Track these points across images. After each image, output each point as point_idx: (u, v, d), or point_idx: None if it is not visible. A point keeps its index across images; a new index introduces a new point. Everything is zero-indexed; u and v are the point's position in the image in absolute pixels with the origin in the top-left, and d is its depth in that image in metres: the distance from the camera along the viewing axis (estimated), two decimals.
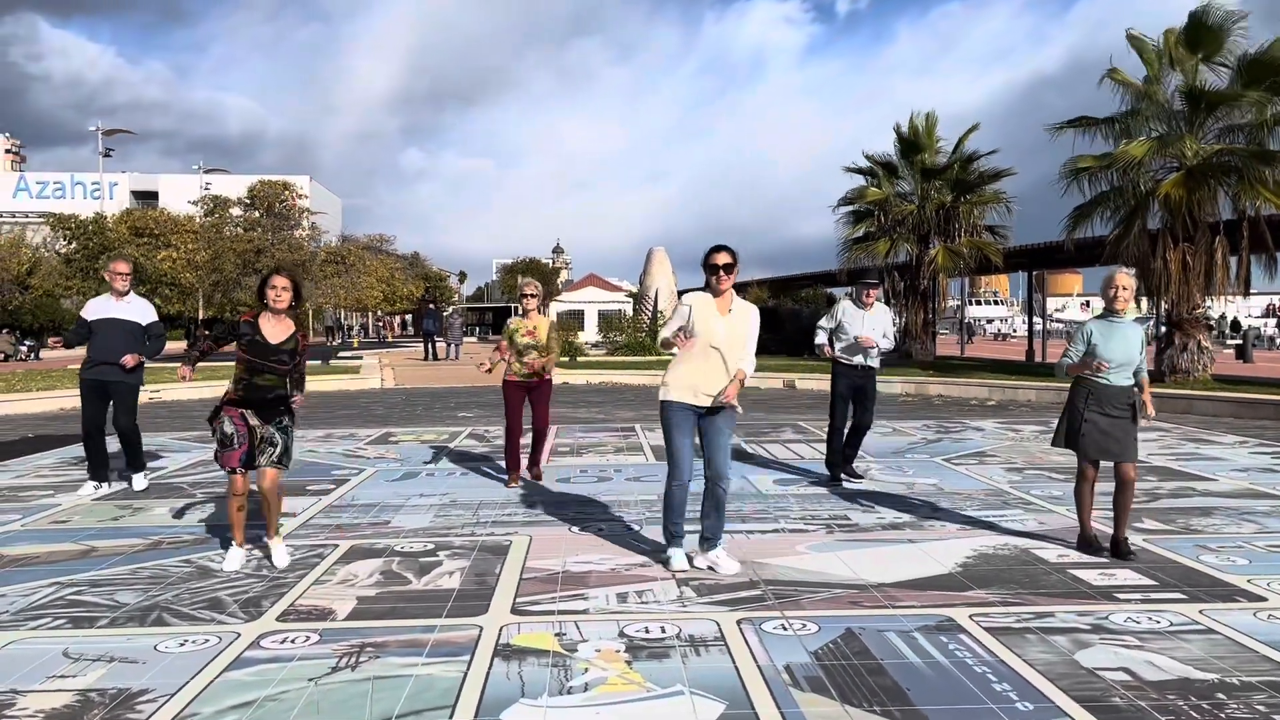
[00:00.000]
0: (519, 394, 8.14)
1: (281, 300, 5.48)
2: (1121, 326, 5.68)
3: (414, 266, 67.38)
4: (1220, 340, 42.07)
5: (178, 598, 4.97)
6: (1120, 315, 5.69)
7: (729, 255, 5.32)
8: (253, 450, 5.45)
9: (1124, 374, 5.62)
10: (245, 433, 5.43)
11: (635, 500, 7.51)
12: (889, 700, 3.59)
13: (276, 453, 5.50)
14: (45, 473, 9.11)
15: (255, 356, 5.39)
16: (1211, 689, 3.67)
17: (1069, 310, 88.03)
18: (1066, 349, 5.90)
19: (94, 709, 3.55)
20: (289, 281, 5.53)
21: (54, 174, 77.55)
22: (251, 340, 5.40)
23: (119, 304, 7.84)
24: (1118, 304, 5.66)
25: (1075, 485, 5.89)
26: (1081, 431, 5.69)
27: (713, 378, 5.25)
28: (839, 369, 8.27)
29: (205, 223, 37.49)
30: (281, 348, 5.45)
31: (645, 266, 35.99)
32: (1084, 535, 5.82)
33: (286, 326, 5.51)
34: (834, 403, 8.34)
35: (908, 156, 25.64)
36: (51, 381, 19.12)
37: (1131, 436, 5.67)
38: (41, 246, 43.42)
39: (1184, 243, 16.87)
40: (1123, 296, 5.65)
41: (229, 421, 5.43)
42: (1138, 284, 5.91)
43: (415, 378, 23.15)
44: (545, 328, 8.06)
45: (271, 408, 5.49)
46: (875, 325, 8.15)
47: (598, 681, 3.80)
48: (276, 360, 5.43)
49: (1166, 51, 17.38)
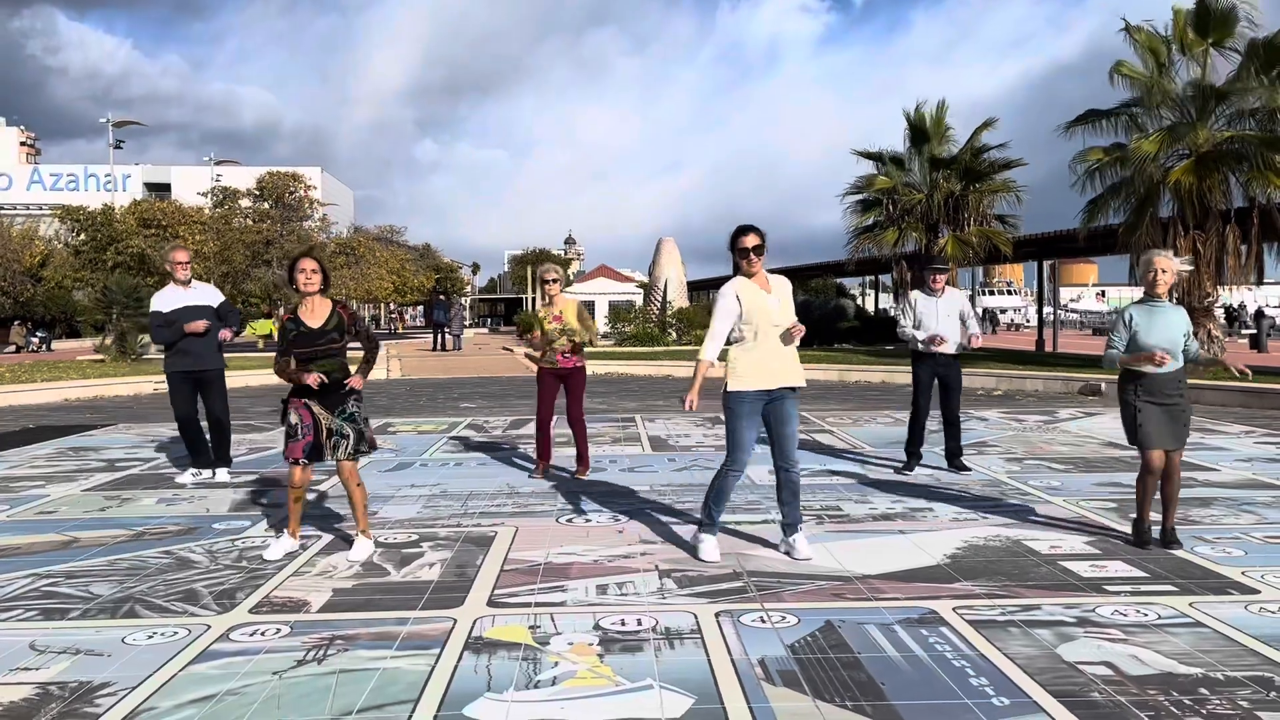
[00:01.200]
0: (553, 383, 7.95)
1: (312, 283, 5.42)
2: (1163, 310, 5.54)
3: (425, 258, 67.38)
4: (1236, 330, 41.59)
5: (152, 589, 4.92)
6: (1160, 299, 5.54)
7: (757, 236, 5.28)
8: (319, 442, 5.35)
9: (1176, 356, 5.49)
10: (310, 424, 5.33)
11: (627, 491, 7.43)
12: (862, 695, 3.51)
13: (350, 444, 5.38)
14: (40, 463, 9.09)
15: (304, 347, 5.33)
16: (1195, 684, 3.57)
17: (1084, 300, 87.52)
18: (1110, 339, 5.69)
19: (52, 703, 3.50)
20: (316, 264, 5.49)
21: (68, 166, 77.91)
22: (297, 334, 5.35)
23: (187, 292, 7.84)
24: (1158, 287, 5.49)
25: (1139, 476, 5.63)
26: (1139, 423, 5.52)
27: (779, 354, 5.27)
28: (919, 356, 8.18)
29: (214, 214, 37.53)
30: (326, 329, 5.38)
31: (654, 257, 35.87)
32: (1139, 527, 5.64)
33: (325, 308, 5.45)
34: (915, 390, 8.29)
35: (917, 145, 25.43)
36: (58, 373, 19.18)
37: (1182, 423, 5.53)
38: (54, 239, 43.61)
39: (1195, 230, 16.66)
40: (1162, 280, 5.48)
41: (293, 412, 5.35)
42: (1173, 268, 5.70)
43: (422, 368, 23.13)
44: (572, 310, 7.84)
45: (334, 394, 5.38)
46: (950, 310, 8.03)
47: (566, 675, 3.73)
48: (327, 343, 5.37)
49: (1177, 37, 17.15)
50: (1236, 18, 16.53)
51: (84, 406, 15.05)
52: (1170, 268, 5.49)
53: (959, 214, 24.68)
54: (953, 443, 8.26)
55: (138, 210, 36.27)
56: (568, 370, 7.88)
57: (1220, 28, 16.66)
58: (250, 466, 8.75)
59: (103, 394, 16.67)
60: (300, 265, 5.44)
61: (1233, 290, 18.71)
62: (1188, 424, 5.59)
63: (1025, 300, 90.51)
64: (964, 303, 8.14)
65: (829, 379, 18.85)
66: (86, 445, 10.32)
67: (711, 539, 5.43)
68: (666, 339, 30.34)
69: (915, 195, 25.18)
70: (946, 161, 24.80)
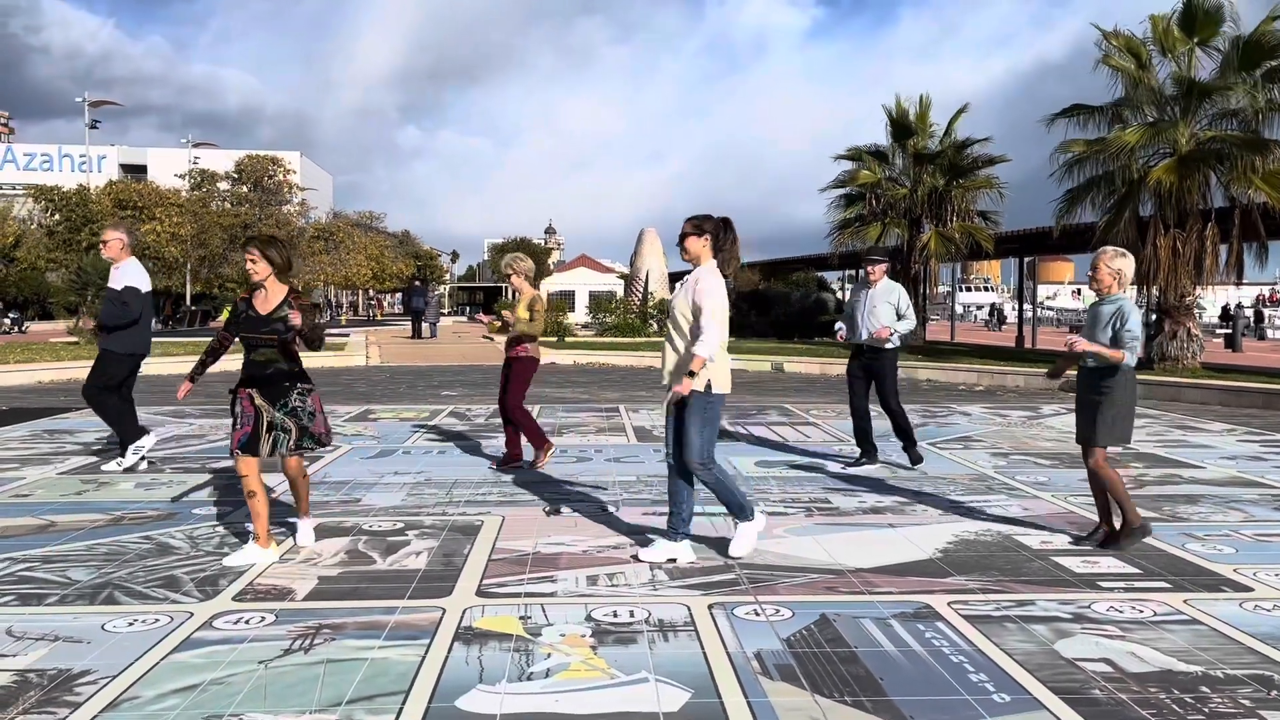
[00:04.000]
0: (504, 369, 7.90)
1: (257, 270, 5.22)
2: (1094, 308, 5.51)
3: (404, 245, 66.98)
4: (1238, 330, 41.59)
5: (132, 575, 4.81)
6: (1101, 296, 5.48)
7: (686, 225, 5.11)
8: (257, 433, 5.09)
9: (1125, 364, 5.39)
10: (251, 414, 5.11)
11: (613, 481, 7.36)
12: (861, 690, 3.46)
13: (292, 439, 5.14)
14: (14, 446, 8.92)
15: (248, 332, 5.17)
16: (1195, 681, 3.55)
17: (1060, 298, 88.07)
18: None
19: (31, 690, 3.39)
20: (257, 253, 5.26)
21: (42, 146, 76.73)
22: (245, 316, 5.19)
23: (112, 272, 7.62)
24: (1091, 285, 5.50)
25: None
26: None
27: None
28: (849, 348, 8.15)
29: (191, 197, 37.10)
30: (273, 318, 5.13)
31: (636, 247, 35.78)
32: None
33: (278, 297, 5.21)
34: (848, 383, 8.25)
35: (899, 140, 25.44)
36: (30, 354, 18.88)
37: (1087, 418, 5.41)
38: (27, 219, 42.98)
39: (1175, 229, 16.74)
40: (1094, 278, 5.46)
41: (237, 401, 5.19)
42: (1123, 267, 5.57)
43: (401, 355, 22.96)
44: (524, 301, 7.76)
45: (274, 386, 5.14)
46: (878, 301, 7.87)
47: (560, 667, 3.66)
48: (269, 332, 5.12)
49: (1156, 40, 17.22)
50: (1223, 17, 16.60)
51: (57, 389, 14.82)
52: (1107, 266, 5.39)
53: (942, 209, 24.74)
54: (898, 436, 8.10)
55: (114, 191, 35.80)
56: (511, 359, 7.79)
57: (1207, 26, 16.72)
58: (228, 454, 8.60)
59: (76, 376, 16.37)
60: (246, 252, 5.32)
61: (1214, 290, 18.85)
62: (1094, 421, 5.35)
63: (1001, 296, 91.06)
64: (897, 294, 7.91)
65: (810, 372, 18.84)
66: (61, 428, 10.14)
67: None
68: (648, 329, 30.28)
69: (898, 190, 25.21)
70: (930, 156, 24.84)
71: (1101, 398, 5.33)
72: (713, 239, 5.06)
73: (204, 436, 9.60)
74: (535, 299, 7.76)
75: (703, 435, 5.03)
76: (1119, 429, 5.38)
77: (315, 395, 5.28)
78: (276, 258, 5.21)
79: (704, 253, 5.06)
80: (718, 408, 5.09)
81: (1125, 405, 5.34)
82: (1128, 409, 5.37)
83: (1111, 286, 5.38)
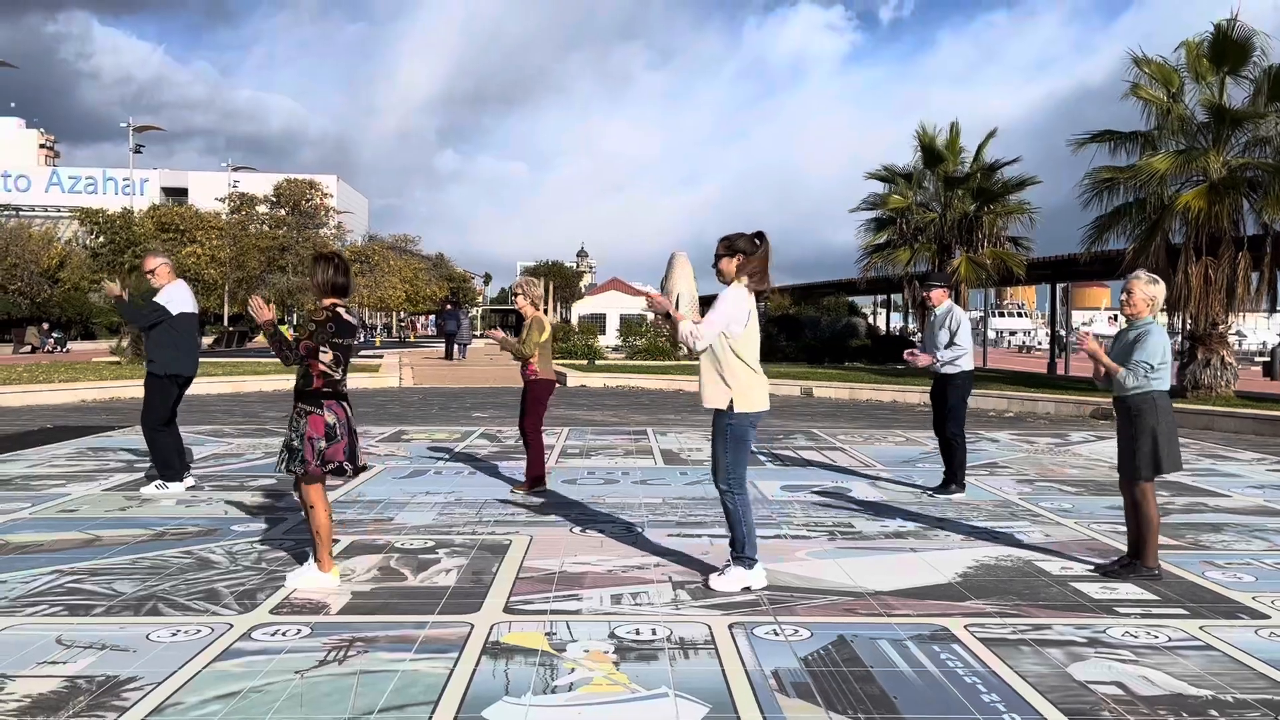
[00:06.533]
0: (522, 392, 7.96)
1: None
2: (1123, 333, 5.59)
3: (438, 267, 67.72)
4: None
5: (174, 588, 5.00)
6: (1131, 320, 5.57)
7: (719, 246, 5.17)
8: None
9: (1119, 381, 5.46)
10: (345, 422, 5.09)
11: (640, 503, 7.49)
12: (875, 709, 3.56)
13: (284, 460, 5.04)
14: (60, 463, 9.20)
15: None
16: (1204, 705, 3.61)
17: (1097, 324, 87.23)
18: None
19: (80, 695, 3.57)
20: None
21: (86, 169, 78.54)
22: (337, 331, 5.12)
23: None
24: (1125, 310, 5.59)
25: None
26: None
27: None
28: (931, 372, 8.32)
29: (231, 220, 37.83)
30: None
31: (667, 271, 35.94)
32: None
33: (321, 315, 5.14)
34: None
35: (930, 166, 25.51)
36: (74, 374, 19.33)
37: (1125, 451, 5.47)
38: (71, 240, 43.97)
39: (1207, 256, 16.67)
40: (1127, 302, 5.54)
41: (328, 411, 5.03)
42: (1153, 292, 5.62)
43: (434, 377, 23.24)
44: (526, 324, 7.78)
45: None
46: (935, 326, 8.11)
47: (583, 681, 3.79)
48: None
49: (1190, 67, 17.21)
50: (1253, 46, 16.58)
51: (100, 408, 15.18)
52: (1139, 292, 5.46)
53: (972, 235, 24.74)
54: (943, 458, 8.21)
55: (156, 215, 36.58)
56: (526, 381, 7.86)
57: (1236, 57, 16.70)
58: (266, 471, 8.83)
59: (118, 395, 16.80)
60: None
61: (1244, 318, 18.68)
62: (1129, 451, 5.41)
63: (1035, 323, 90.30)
64: (949, 319, 8.06)
65: (840, 397, 18.87)
66: (105, 446, 10.42)
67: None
68: (678, 353, 30.39)
69: (928, 215, 25.25)
70: (960, 180, 24.87)
71: (1133, 427, 5.39)
72: (743, 257, 5.07)
73: (242, 455, 9.84)
74: (535, 320, 7.80)
75: (728, 456, 5.07)
76: (1163, 457, 5.34)
77: (315, 418, 4.97)
78: (316, 276, 5.17)
79: (735, 272, 5.10)
80: (743, 429, 5.06)
81: (1163, 432, 5.34)
82: (1166, 436, 5.35)
83: (1144, 312, 5.46)
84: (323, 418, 4.98)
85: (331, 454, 4.99)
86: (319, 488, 5.06)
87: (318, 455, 4.95)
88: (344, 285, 5.16)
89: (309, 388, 5.03)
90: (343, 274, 5.15)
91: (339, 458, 5.02)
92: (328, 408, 5.01)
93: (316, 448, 4.95)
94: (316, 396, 5.01)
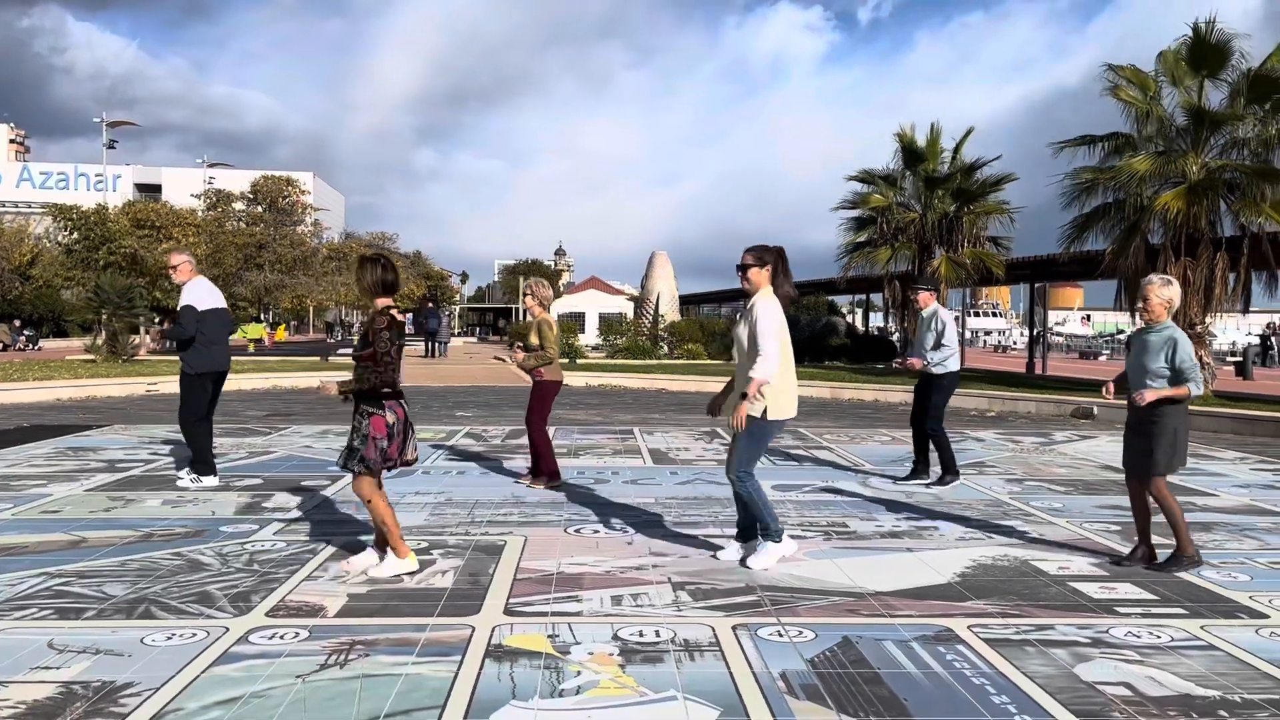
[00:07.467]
0: (530, 391, 8.20)
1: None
2: (1142, 336, 5.63)
3: (415, 265, 67.38)
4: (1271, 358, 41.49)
5: (166, 590, 4.91)
6: (1149, 325, 5.61)
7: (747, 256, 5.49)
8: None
9: (1139, 384, 5.54)
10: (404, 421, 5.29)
11: (632, 503, 7.44)
12: (886, 710, 3.53)
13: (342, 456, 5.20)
14: (39, 463, 9.04)
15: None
16: (1213, 705, 3.61)
17: (1069, 324, 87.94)
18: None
19: (77, 701, 3.49)
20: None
21: (57, 165, 77.56)
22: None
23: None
24: (1144, 316, 5.63)
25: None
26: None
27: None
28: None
29: (207, 217, 37.45)
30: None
31: (647, 270, 35.95)
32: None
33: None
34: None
35: (911, 166, 25.61)
36: (49, 372, 19.06)
37: (1135, 449, 5.59)
38: (44, 237, 43.39)
39: (1185, 257, 16.82)
40: (1144, 307, 5.58)
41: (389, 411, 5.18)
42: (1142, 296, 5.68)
43: (414, 375, 23.08)
44: (534, 326, 8.06)
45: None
46: (922, 328, 8.42)
47: (590, 685, 3.75)
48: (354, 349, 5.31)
49: (1167, 71, 17.36)
50: (1231, 50, 16.74)
51: (76, 406, 14.96)
52: (1155, 295, 5.53)
53: (952, 235, 24.86)
54: (914, 449, 8.68)
55: (131, 211, 36.14)
56: (535, 381, 8.11)
57: (1215, 60, 16.86)
58: (251, 471, 8.73)
59: (94, 394, 16.58)
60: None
61: (1223, 319, 18.88)
62: (1141, 451, 5.51)
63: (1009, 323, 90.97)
64: (935, 321, 8.33)
65: (822, 396, 18.90)
66: (84, 445, 10.26)
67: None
68: (658, 352, 30.39)
69: (909, 215, 25.34)
70: (940, 180, 24.99)
71: (1155, 426, 5.46)
72: (772, 269, 5.45)
73: (225, 455, 9.71)
74: (544, 323, 7.92)
75: (747, 451, 5.42)
76: (1179, 455, 5.51)
77: (377, 419, 5.09)
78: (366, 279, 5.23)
79: (764, 282, 5.44)
80: (772, 431, 5.49)
81: (1183, 431, 5.49)
82: (1185, 434, 5.51)
83: (1162, 315, 5.52)
84: (384, 418, 5.12)
85: (391, 452, 5.14)
86: (374, 483, 5.14)
87: (380, 454, 5.08)
88: (394, 282, 5.31)
89: (370, 388, 5.10)
90: (391, 271, 5.30)
91: (396, 455, 5.18)
92: (389, 408, 5.15)
93: (379, 447, 5.08)
94: (377, 397, 5.11)
